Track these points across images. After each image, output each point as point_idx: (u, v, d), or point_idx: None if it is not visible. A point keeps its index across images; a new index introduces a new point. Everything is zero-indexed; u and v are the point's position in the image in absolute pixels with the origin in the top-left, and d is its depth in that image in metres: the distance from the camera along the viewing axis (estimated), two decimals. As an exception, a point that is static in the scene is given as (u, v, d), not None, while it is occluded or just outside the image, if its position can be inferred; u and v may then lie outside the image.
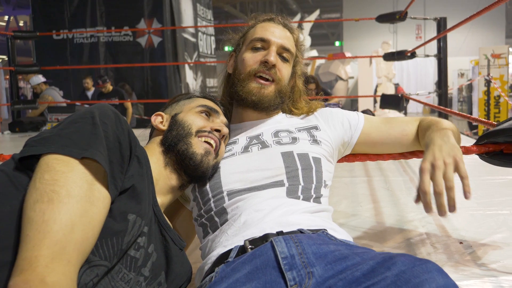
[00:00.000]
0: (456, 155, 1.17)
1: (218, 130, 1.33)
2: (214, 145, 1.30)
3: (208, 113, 1.37)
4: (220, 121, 1.38)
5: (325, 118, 1.51)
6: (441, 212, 1.11)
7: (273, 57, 1.41)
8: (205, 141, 1.29)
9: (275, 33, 1.45)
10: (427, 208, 1.12)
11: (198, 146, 1.27)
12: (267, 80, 1.42)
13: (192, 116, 1.33)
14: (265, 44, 1.44)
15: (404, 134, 1.49)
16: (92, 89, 8.43)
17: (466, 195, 1.12)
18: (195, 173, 1.26)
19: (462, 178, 1.14)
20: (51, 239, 0.79)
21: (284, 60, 1.46)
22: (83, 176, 0.88)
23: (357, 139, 1.50)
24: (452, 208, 1.11)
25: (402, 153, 1.56)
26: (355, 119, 1.51)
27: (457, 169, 1.16)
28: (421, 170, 1.16)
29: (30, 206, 0.82)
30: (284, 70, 1.45)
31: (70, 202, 0.83)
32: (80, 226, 0.83)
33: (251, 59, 1.43)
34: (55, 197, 0.82)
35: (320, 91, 6.80)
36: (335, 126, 1.49)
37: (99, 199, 0.89)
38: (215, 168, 1.32)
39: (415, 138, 1.49)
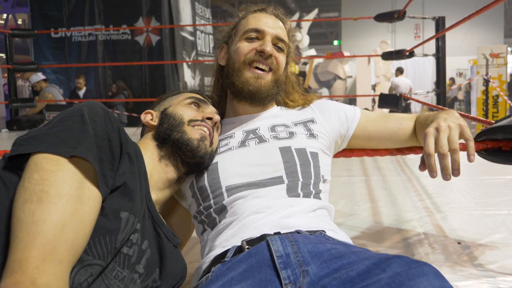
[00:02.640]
0: (461, 122, 1.18)
1: (210, 118, 1.33)
2: (207, 132, 1.30)
3: (197, 103, 1.36)
4: (210, 110, 1.37)
5: (321, 110, 1.50)
6: (445, 175, 1.11)
7: (269, 47, 1.40)
8: (198, 129, 1.28)
9: (268, 23, 1.44)
10: (431, 171, 1.12)
11: (193, 133, 1.26)
12: (263, 70, 1.41)
13: (182, 108, 1.33)
14: (260, 34, 1.43)
15: (400, 128, 1.48)
16: (84, 88, 8.44)
17: (470, 158, 1.13)
18: (193, 160, 1.25)
19: (467, 140, 1.15)
20: (41, 240, 0.78)
21: (279, 49, 1.45)
22: (72, 175, 0.87)
23: (354, 131, 1.48)
24: (456, 171, 1.11)
25: (399, 148, 1.56)
26: (352, 112, 1.50)
27: (462, 133, 1.16)
28: (426, 134, 1.16)
29: (19, 207, 0.81)
30: (280, 59, 1.44)
31: (59, 201, 0.82)
32: (71, 225, 0.82)
33: (246, 47, 1.42)
34: (45, 197, 0.81)
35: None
36: (331, 118, 1.48)
37: (89, 197, 0.88)
38: (212, 157, 1.31)
39: (411, 133, 1.48)
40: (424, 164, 1.14)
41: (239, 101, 1.45)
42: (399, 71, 12.61)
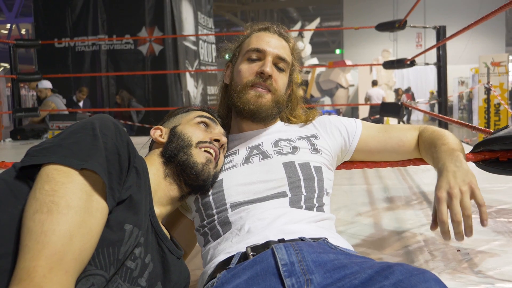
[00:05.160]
0: (471, 182, 1.18)
1: (217, 140, 1.34)
2: (214, 154, 1.31)
3: (206, 123, 1.38)
4: (218, 131, 1.39)
5: (323, 126, 1.52)
6: (459, 239, 1.13)
7: (269, 68, 1.40)
8: (205, 151, 1.30)
9: (270, 43, 1.45)
10: (446, 237, 1.15)
11: (199, 156, 1.28)
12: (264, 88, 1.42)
13: (191, 128, 1.34)
14: (261, 54, 1.43)
15: (401, 145, 1.50)
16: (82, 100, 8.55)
17: (483, 222, 1.14)
18: (196, 183, 1.27)
19: (479, 205, 1.15)
20: (49, 250, 0.80)
21: (280, 70, 1.45)
22: (82, 187, 0.89)
23: (355, 147, 1.50)
24: (469, 234, 1.14)
25: (399, 160, 1.58)
26: (353, 127, 1.52)
27: (473, 196, 1.16)
28: (438, 200, 1.16)
29: (29, 217, 0.83)
30: (280, 81, 1.45)
31: (69, 213, 0.84)
32: (79, 236, 0.84)
33: (247, 70, 1.43)
34: (55, 208, 0.84)
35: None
36: (333, 133, 1.50)
37: (97, 210, 0.90)
38: (215, 178, 1.33)
39: (414, 147, 1.49)
40: (436, 224, 1.16)
41: (242, 119, 1.47)
42: (373, 83, 14.29)
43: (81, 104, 8.57)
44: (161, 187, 1.25)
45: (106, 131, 0.99)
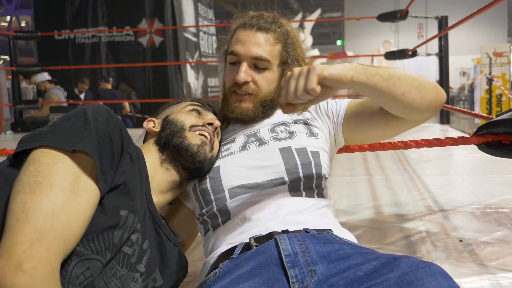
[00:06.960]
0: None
1: (210, 124, 1.34)
2: (208, 137, 1.31)
3: (198, 111, 1.38)
4: (211, 116, 1.39)
5: (315, 110, 1.49)
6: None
7: (242, 75, 1.36)
8: (199, 134, 1.31)
9: (246, 43, 1.38)
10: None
11: (193, 138, 1.29)
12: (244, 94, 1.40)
13: (183, 114, 1.35)
14: (238, 58, 1.39)
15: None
16: (84, 91, 8.54)
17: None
18: (193, 165, 1.27)
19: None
20: (30, 227, 0.81)
21: (261, 69, 1.39)
22: (69, 167, 0.90)
23: (343, 119, 1.43)
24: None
25: (399, 145, 1.54)
26: (339, 103, 1.47)
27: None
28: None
29: (12, 198, 0.85)
30: (262, 80, 1.39)
31: (52, 192, 0.85)
32: (62, 215, 0.85)
33: (228, 76, 1.42)
34: (37, 187, 0.85)
35: None
36: (326, 115, 1.47)
37: (84, 190, 0.91)
38: (212, 162, 1.32)
39: None
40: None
41: None
42: None
43: (82, 96, 8.56)
44: (158, 174, 1.25)
45: (98, 116, 0.99)
